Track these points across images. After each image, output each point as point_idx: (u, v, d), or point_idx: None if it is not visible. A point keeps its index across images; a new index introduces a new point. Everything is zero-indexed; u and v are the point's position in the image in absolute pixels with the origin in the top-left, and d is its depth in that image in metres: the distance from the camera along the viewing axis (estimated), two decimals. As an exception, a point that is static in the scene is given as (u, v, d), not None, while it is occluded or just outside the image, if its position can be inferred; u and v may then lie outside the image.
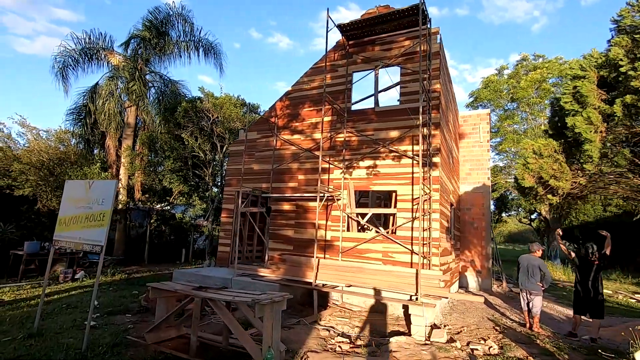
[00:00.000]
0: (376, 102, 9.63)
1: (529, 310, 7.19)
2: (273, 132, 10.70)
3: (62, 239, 5.73)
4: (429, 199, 8.26)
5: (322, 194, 8.99)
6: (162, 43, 15.86)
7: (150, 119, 15.14)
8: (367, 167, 9.18)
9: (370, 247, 8.74)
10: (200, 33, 16.34)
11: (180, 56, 16.72)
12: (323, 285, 8.13)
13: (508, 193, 23.69)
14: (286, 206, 10.11)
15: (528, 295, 7.15)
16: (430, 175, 8.36)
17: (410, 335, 6.35)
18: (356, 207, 9.41)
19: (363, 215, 9.31)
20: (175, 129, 14.06)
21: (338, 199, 9.24)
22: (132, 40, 16.23)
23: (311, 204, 9.73)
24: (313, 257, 9.02)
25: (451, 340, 6.22)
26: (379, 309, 8.15)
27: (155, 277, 12.10)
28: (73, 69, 15.50)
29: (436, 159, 8.45)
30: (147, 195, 17.57)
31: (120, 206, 15.29)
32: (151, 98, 15.80)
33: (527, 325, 7.20)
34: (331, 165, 9.67)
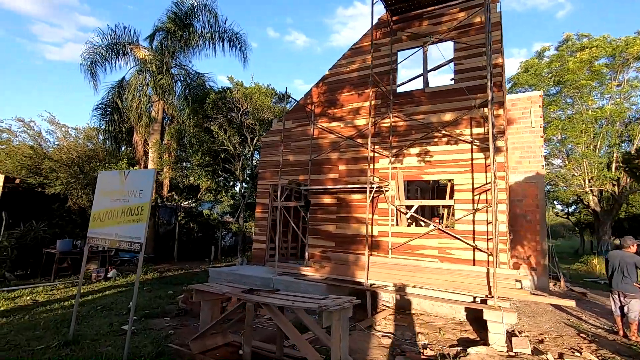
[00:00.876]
0: (426, 82, 8.70)
1: (622, 315, 6.16)
2: (310, 120, 9.94)
3: (97, 236, 5.16)
4: (494, 187, 7.30)
5: (371, 186, 8.18)
6: (186, 35, 15.36)
7: (178, 113, 14.69)
8: (418, 155, 8.29)
9: (424, 243, 7.86)
10: (225, 23, 15.76)
11: (206, 48, 16.19)
12: (375, 285, 7.34)
13: (550, 185, 22.12)
14: (327, 199, 9.35)
15: (622, 298, 6.12)
16: (493, 161, 7.39)
17: (487, 344, 5.46)
18: (405, 199, 8.53)
19: (410, 208, 8.44)
20: (203, 121, 13.54)
21: (386, 190, 8.40)
22: (157, 34, 15.82)
23: (355, 196, 8.93)
24: (359, 254, 8.24)
25: (537, 352, 5.31)
26: (437, 312, 7.29)
27: (187, 275, 11.63)
28: (100, 65, 15.22)
29: (500, 143, 7.48)
30: (173, 192, 17.23)
31: (149, 203, 14.94)
32: (177, 92, 15.34)
33: (620, 332, 6.17)
34: (376, 154, 8.83)
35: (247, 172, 13.88)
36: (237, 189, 13.59)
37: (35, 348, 4.78)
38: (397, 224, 8.33)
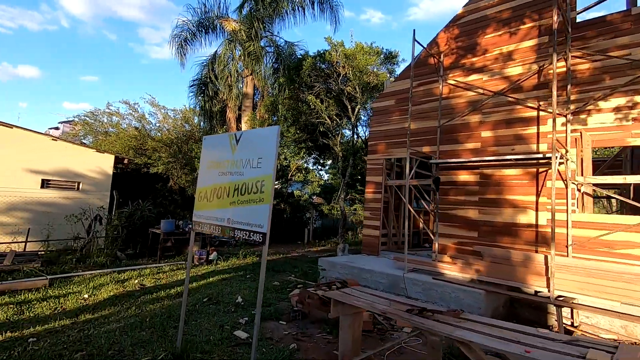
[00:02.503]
0: (631, 1, 5.89)
1: None
2: (438, 74, 7.79)
3: (204, 220, 3.95)
4: None
5: (538, 156, 5.88)
6: (275, 3, 14.11)
7: (270, 85, 13.66)
8: (617, 109, 5.66)
9: (632, 238, 5.33)
10: (314, -16, 14.10)
11: (295, 14, 14.85)
12: (565, 298, 5.14)
13: None
14: (464, 176, 7.23)
15: None
16: None
17: None
18: (593, 174, 6.01)
19: (603, 188, 5.88)
20: (299, 91, 12.22)
21: (561, 163, 5.98)
22: (246, 4, 14.88)
23: (508, 171, 6.67)
24: (526, 250, 6.06)
25: None
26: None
27: (286, 261, 10.63)
28: (190, 43, 14.89)
29: None
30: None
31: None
32: (267, 63, 14.28)
33: None
34: (542, 112, 6.39)
35: (348, 147, 12.27)
36: (339, 164, 12.09)
37: (140, 359, 3.79)
38: (580, 210, 5.90)
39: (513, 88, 6.75)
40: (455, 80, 7.54)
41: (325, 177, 20.49)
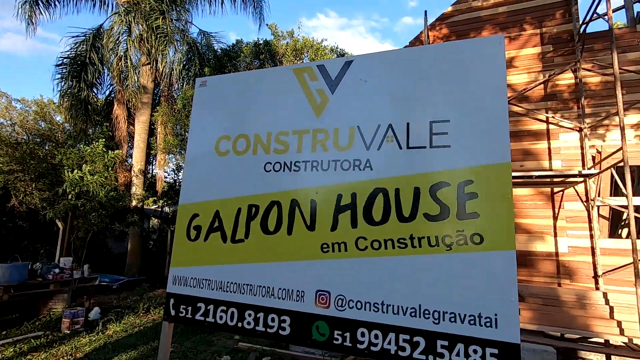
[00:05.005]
0: (632, 18, 5.81)
1: None
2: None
3: (216, 296, 1.46)
4: None
5: (553, 175, 5.11)
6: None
7: (181, 78, 10.57)
8: (637, 126, 5.34)
9: (664, 265, 4.86)
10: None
11: (210, 2, 12.34)
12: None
13: None
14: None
15: None
16: None
17: None
18: (613, 195, 5.53)
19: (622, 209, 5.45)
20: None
21: (580, 182, 5.34)
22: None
23: (517, 191, 5.78)
24: (531, 282, 5.09)
25: None
26: None
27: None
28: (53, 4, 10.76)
29: None
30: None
31: (134, 202, 10.68)
32: (172, 55, 11.21)
33: None
34: (553, 126, 5.76)
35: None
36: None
37: None
38: (607, 235, 5.30)
39: (515, 98, 6.02)
40: (451, 84, 6.52)
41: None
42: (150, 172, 13.32)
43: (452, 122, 1.34)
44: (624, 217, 6.27)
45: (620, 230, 6.65)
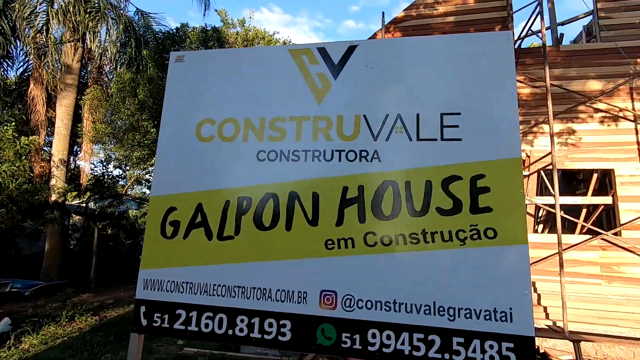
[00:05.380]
0: (557, 39, 6.54)
1: None
2: (382, 76, 6.80)
3: (196, 301, 1.29)
4: (680, 181, 5.48)
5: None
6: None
7: (114, 59, 9.51)
8: (557, 134, 6.03)
9: (577, 256, 5.59)
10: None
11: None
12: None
13: None
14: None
15: None
16: (672, 146, 5.59)
17: None
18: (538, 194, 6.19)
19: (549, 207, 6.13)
20: (162, 74, 8.96)
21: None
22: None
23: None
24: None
25: None
26: None
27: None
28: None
29: (676, 123, 5.72)
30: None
31: (54, 197, 9.44)
32: (113, 32, 10.11)
33: None
34: (491, 131, 6.26)
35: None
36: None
37: None
38: (532, 231, 5.92)
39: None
40: (402, 86, 6.76)
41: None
42: (74, 163, 11.89)
43: (463, 115, 1.34)
44: (540, 214, 7.07)
45: (536, 227, 7.49)
